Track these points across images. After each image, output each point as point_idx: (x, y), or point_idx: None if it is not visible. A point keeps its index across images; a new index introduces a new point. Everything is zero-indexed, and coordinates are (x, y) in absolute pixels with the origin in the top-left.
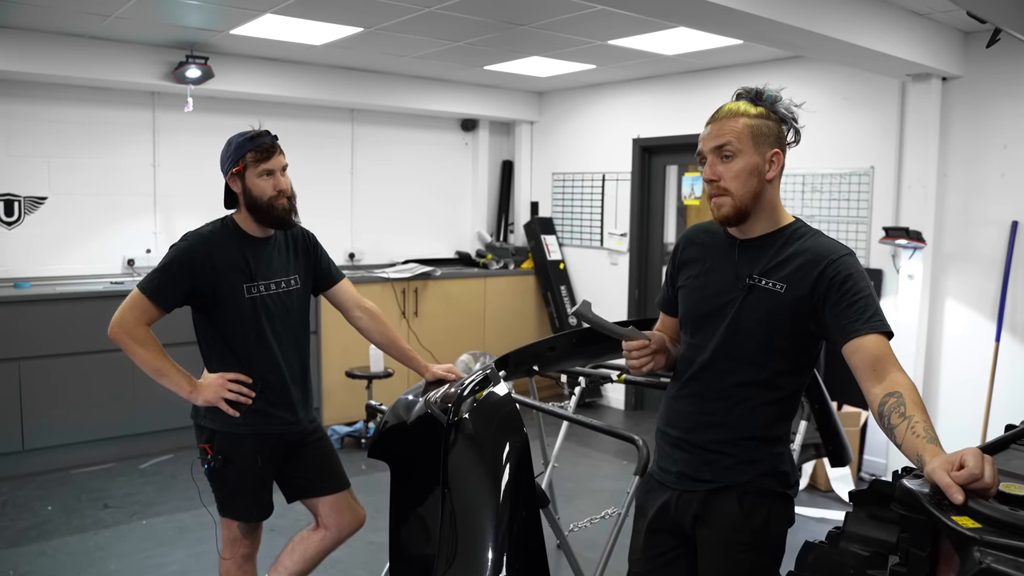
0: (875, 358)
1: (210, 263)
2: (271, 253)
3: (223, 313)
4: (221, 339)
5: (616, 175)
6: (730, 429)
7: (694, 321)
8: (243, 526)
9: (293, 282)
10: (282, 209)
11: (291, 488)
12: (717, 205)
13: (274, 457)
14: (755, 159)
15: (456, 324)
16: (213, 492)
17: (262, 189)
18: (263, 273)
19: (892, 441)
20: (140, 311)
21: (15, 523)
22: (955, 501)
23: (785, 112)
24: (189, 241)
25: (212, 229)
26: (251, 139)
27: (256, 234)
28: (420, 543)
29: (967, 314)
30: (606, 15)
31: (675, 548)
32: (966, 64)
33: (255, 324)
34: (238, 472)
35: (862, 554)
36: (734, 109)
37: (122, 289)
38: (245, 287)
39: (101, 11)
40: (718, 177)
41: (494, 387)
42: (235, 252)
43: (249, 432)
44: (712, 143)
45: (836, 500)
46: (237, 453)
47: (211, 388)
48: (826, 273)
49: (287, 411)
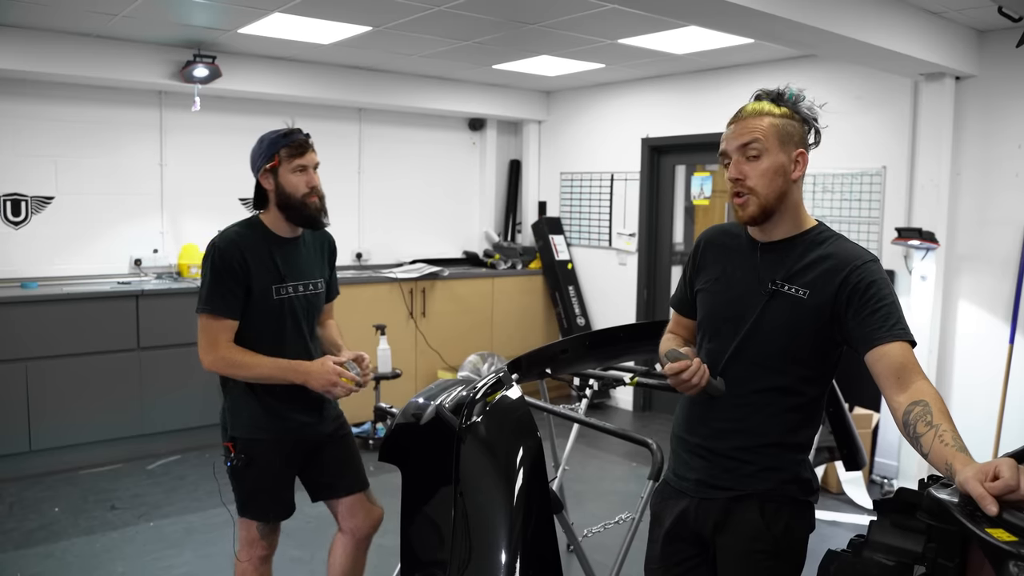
0: (899, 366)
1: (244, 263)
2: (299, 254)
3: (251, 313)
4: (247, 339)
5: (625, 175)
6: (752, 436)
7: (714, 325)
8: (262, 527)
9: (320, 284)
10: (314, 207)
11: (314, 488)
12: (741, 204)
13: (296, 458)
14: (781, 158)
15: (464, 324)
16: (233, 491)
17: (295, 185)
18: (292, 274)
19: (918, 451)
20: (216, 333)
21: (22, 524)
22: (989, 513)
23: (808, 112)
24: (220, 246)
25: (239, 230)
26: (285, 135)
27: (285, 234)
28: (432, 548)
29: (980, 315)
30: (617, 14)
31: (693, 557)
32: (980, 63)
33: (282, 325)
34: (259, 472)
35: (887, 563)
36: (758, 108)
37: (129, 289)
38: (274, 288)
39: (108, 10)
40: (744, 176)
41: (507, 391)
42: (264, 252)
43: (270, 436)
44: (737, 141)
45: (848, 503)
46: (258, 454)
47: (319, 378)
48: (850, 279)
49: (310, 413)
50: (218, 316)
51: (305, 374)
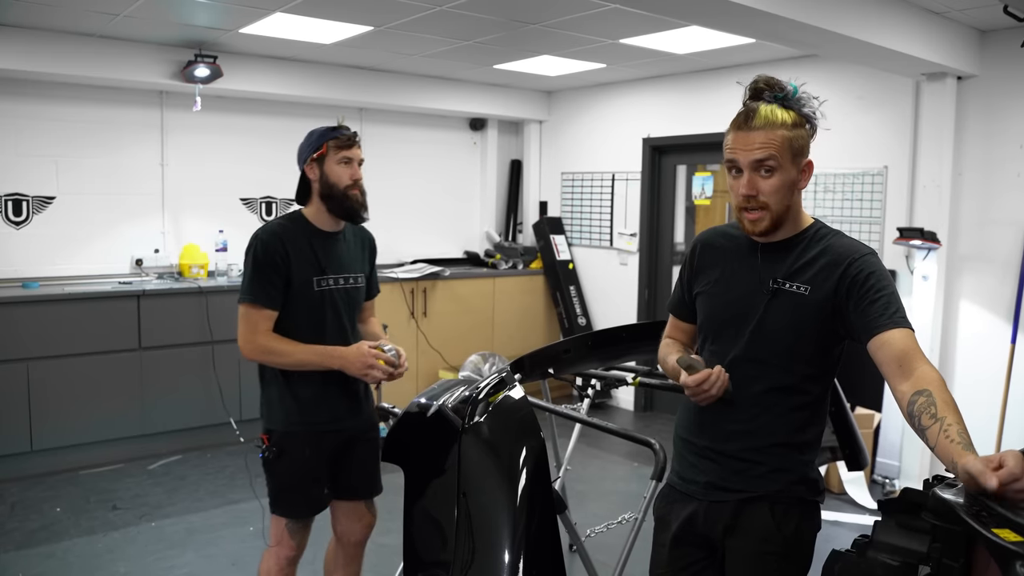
0: (901, 352)
1: (285, 255)
2: (340, 248)
3: (292, 304)
4: (288, 331)
5: (626, 175)
6: (760, 436)
7: (716, 327)
8: (291, 524)
9: (360, 279)
10: (355, 200)
11: (338, 487)
12: (754, 220)
13: (328, 453)
14: (792, 173)
15: (465, 324)
16: (267, 485)
17: (339, 176)
18: (333, 267)
19: (924, 442)
20: (255, 322)
21: (24, 525)
22: (990, 486)
23: (811, 114)
24: (263, 238)
25: (281, 223)
26: (334, 129)
27: (326, 228)
28: (435, 548)
29: (982, 315)
30: (618, 13)
31: (701, 560)
32: (982, 63)
33: (322, 316)
34: (290, 465)
35: (891, 564)
36: (772, 119)
37: (130, 289)
38: (315, 280)
39: (110, 10)
40: (757, 192)
41: (509, 391)
42: (305, 245)
43: (304, 429)
44: (751, 156)
45: (849, 503)
46: (291, 447)
47: (355, 362)
48: (848, 272)
49: (346, 408)
50: (258, 306)
51: (341, 359)
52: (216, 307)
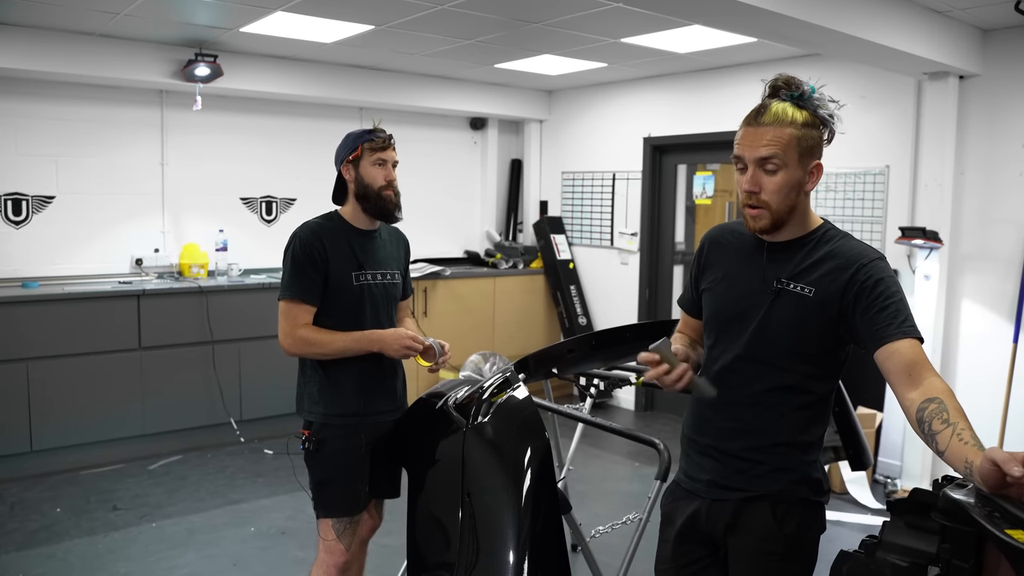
0: (910, 363)
1: (324, 251)
2: (376, 246)
3: (331, 299)
4: (328, 326)
5: (627, 174)
6: (761, 436)
7: (719, 325)
8: (338, 525)
9: (396, 276)
10: (389, 200)
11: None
12: (754, 216)
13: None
14: (798, 173)
15: (465, 324)
16: (310, 486)
17: (373, 176)
18: (369, 263)
19: (932, 448)
20: (295, 316)
21: (24, 525)
22: (1014, 474)
23: (827, 116)
24: (302, 236)
25: (319, 222)
26: (369, 131)
27: (362, 226)
28: (438, 550)
29: (984, 315)
30: (620, 12)
31: (704, 557)
32: (984, 62)
33: (361, 310)
34: (330, 457)
35: (900, 564)
36: (782, 116)
37: (130, 289)
38: (354, 275)
39: (110, 9)
40: (759, 189)
41: (514, 391)
42: (343, 242)
43: (343, 421)
44: (756, 153)
45: (852, 503)
46: (330, 438)
47: (392, 342)
48: (856, 277)
49: (384, 400)
50: (298, 301)
51: (379, 341)
52: (216, 307)
